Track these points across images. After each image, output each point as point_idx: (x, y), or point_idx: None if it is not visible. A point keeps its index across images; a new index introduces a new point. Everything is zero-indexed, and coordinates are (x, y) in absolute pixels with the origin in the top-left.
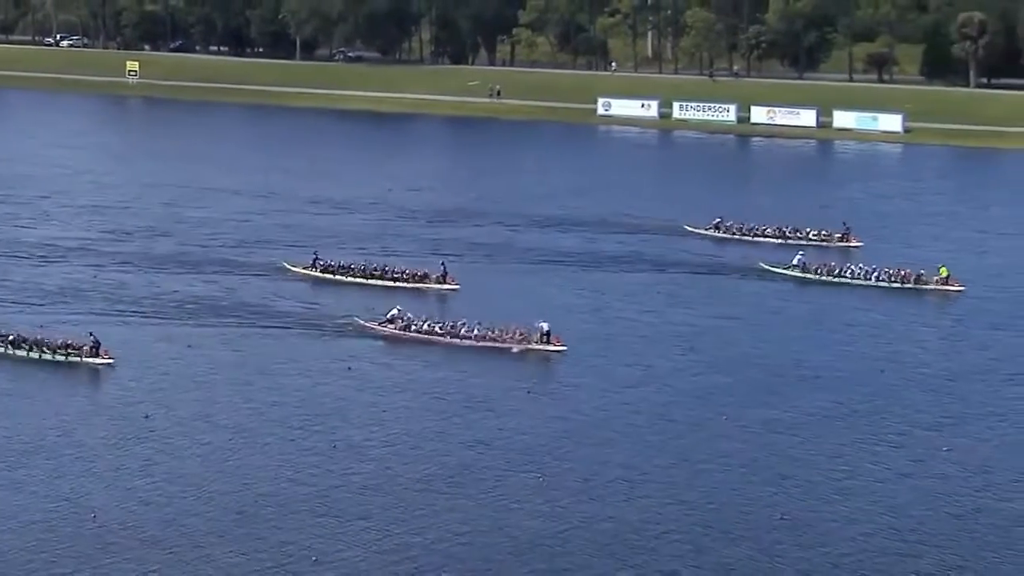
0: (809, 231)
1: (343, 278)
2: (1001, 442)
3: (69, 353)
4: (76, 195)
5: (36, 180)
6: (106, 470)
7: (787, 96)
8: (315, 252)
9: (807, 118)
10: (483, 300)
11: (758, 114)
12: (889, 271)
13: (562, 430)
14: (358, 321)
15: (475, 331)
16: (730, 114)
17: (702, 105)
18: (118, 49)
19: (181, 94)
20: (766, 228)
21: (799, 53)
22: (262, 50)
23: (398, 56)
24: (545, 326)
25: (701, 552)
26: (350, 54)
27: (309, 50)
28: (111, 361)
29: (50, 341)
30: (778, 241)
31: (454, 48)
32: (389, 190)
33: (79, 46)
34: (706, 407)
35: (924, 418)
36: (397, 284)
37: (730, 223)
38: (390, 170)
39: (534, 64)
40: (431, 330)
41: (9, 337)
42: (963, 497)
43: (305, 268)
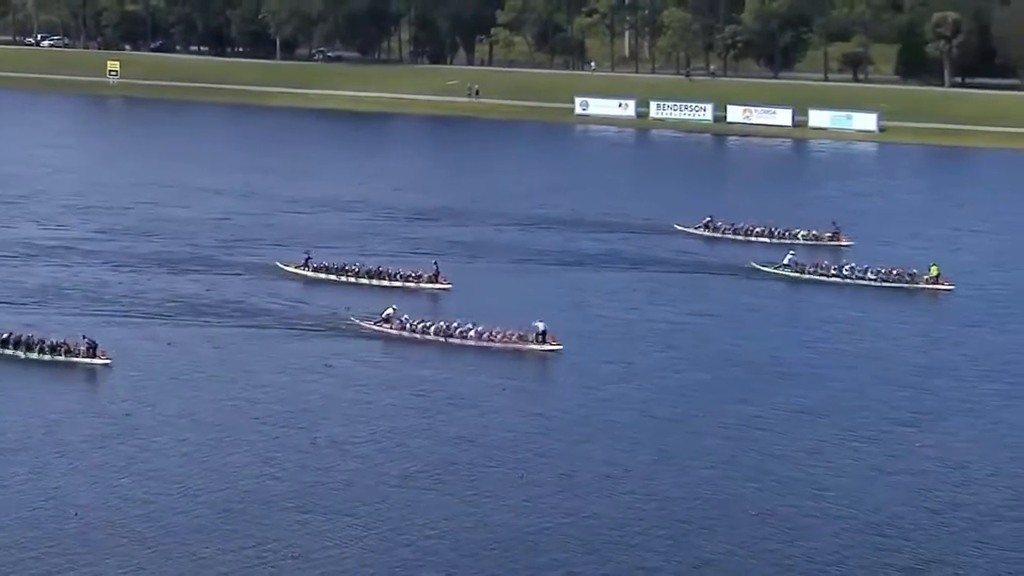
0: (799, 231)
1: (335, 278)
2: (978, 437)
3: (66, 354)
4: (58, 195)
5: (18, 179)
6: (106, 469)
7: (763, 95)
8: (307, 252)
9: (783, 117)
10: (475, 300)
11: (734, 113)
12: (881, 270)
13: (547, 427)
14: (354, 321)
15: (471, 331)
16: (707, 113)
17: (679, 104)
18: (99, 49)
19: (162, 94)
20: (756, 227)
21: (775, 53)
22: (242, 50)
23: (377, 56)
24: (541, 326)
25: (681, 547)
26: (330, 54)
27: (289, 50)
28: (108, 361)
29: (47, 341)
30: (768, 240)
31: (433, 48)
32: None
33: (60, 46)
34: (705, 406)
35: (901, 414)
36: (389, 284)
37: (720, 222)
38: (371, 169)
39: (512, 64)
40: (427, 330)
41: (3, 337)
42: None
43: (297, 268)
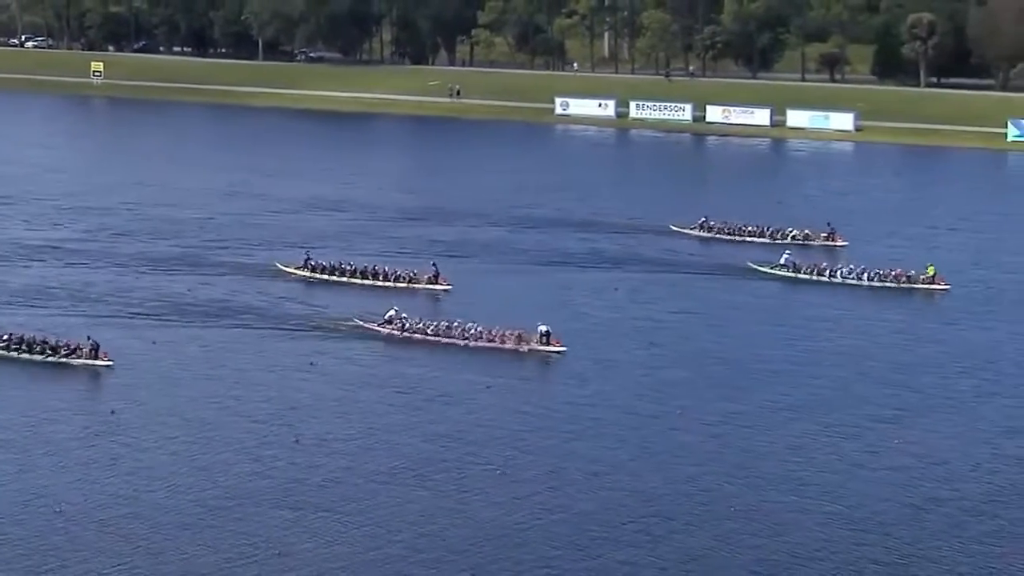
0: (793, 231)
1: (335, 278)
2: (955, 433)
3: (68, 355)
4: (45, 194)
5: (3, 179)
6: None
7: (741, 96)
8: (307, 252)
9: (761, 117)
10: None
11: (713, 113)
12: (878, 271)
13: (536, 424)
14: (356, 322)
15: (474, 332)
16: (686, 113)
17: (658, 104)
18: (83, 50)
19: (145, 94)
20: (751, 227)
21: (753, 53)
22: (225, 51)
23: (359, 56)
24: (544, 327)
25: (665, 543)
26: (312, 54)
27: (271, 51)
28: (110, 363)
29: (49, 342)
30: (763, 241)
31: (414, 48)
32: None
33: (44, 47)
34: (690, 403)
35: (882, 411)
36: (389, 284)
37: (715, 223)
38: (355, 169)
39: (493, 64)
40: (429, 331)
41: (5, 338)
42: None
43: (297, 268)
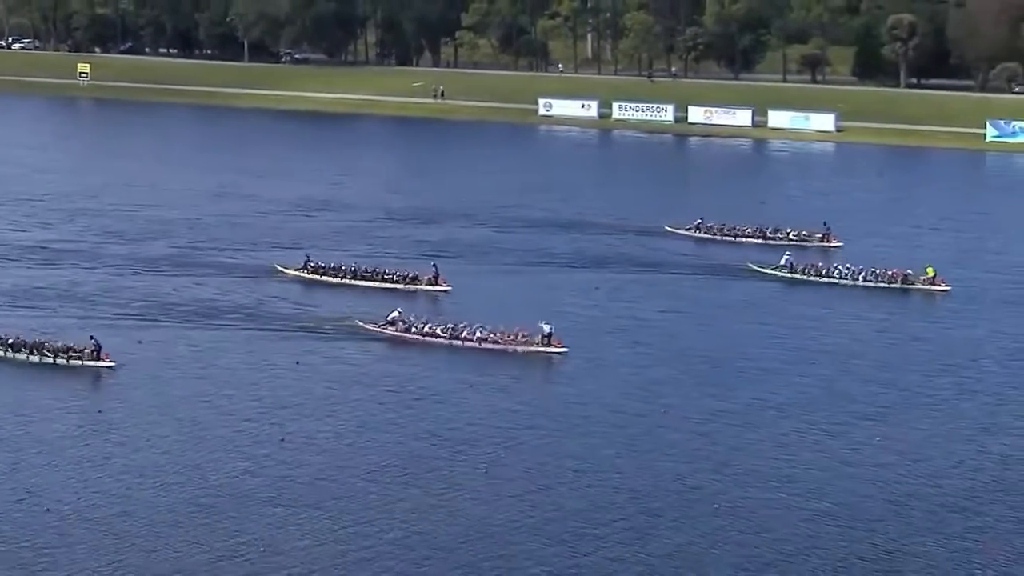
0: (790, 231)
1: (334, 280)
2: (935, 430)
3: (70, 357)
4: (36, 195)
5: None
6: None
7: (723, 96)
8: (306, 254)
9: (743, 118)
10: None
11: (695, 114)
12: (877, 271)
13: (522, 422)
14: (359, 323)
15: (477, 333)
16: (668, 114)
17: (641, 105)
18: (69, 51)
19: (131, 95)
20: (747, 228)
21: (735, 55)
22: (211, 52)
23: (344, 58)
24: (547, 328)
25: (648, 539)
26: (297, 56)
27: (257, 52)
28: (112, 364)
29: (50, 344)
30: (759, 241)
31: (399, 50)
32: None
33: (30, 48)
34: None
35: (864, 409)
36: (389, 285)
37: (711, 224)
38: (342, 170)
39: (477, 65)
40: (432, 332)
41: (8, 340)
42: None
43: (297, 270)
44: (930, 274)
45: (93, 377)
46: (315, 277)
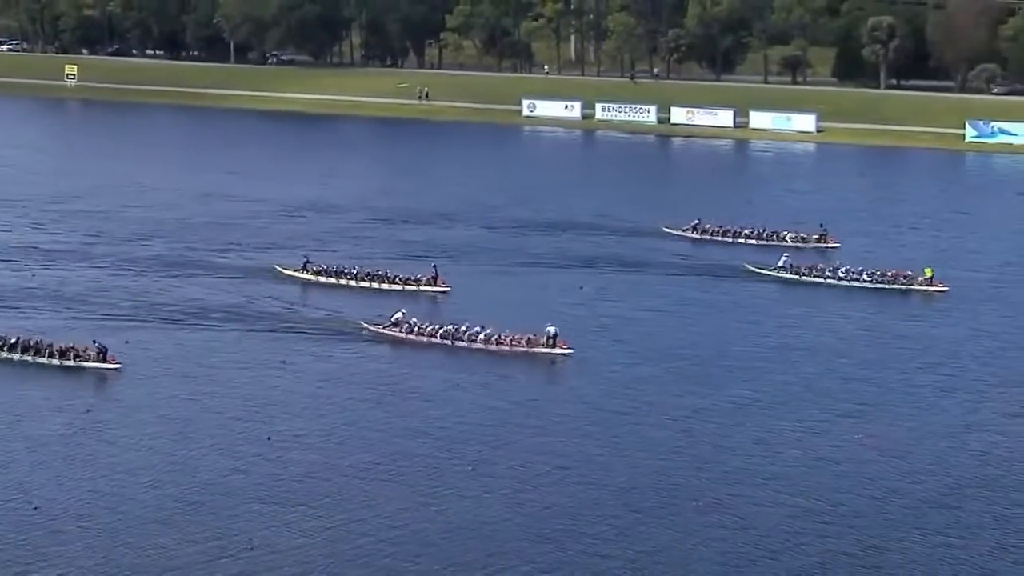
0: (786, 233)
1: (334, 281)
2: (917, 428)
3: (76, 358)
4: (20, 197)
5: None
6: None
7: (705, 97)
8: (305, 255)
9: (724, 118)
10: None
11: (678, 115)
12: (876, 272)
13: (511, 421)
14: (362, 324)
15: (481, 335)
16: (651, 115)
17: (624, 106)
18: (56, 53)
19: (119, 97)
20: (744, 229)
21: (716, 56)
22: (197, 54)
23: (329, 59)
24: (552, 330)
25: (632, 536)
26: (283, 57)
27: (243, 53)
28: (118, 366)
29: (55, 346)
30: (756, 242)
31: (384, 51)
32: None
33: (18, 50)
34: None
35: (848, 407)
36: (388, 287)
37: (708, 224)
38: (329, 171)
39: (461, 67)
40: (436, 333)
41: (11, 341)
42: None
43: (296, 271)
44: (928, 275)
45: (99, 380)
46: (314, 278)
